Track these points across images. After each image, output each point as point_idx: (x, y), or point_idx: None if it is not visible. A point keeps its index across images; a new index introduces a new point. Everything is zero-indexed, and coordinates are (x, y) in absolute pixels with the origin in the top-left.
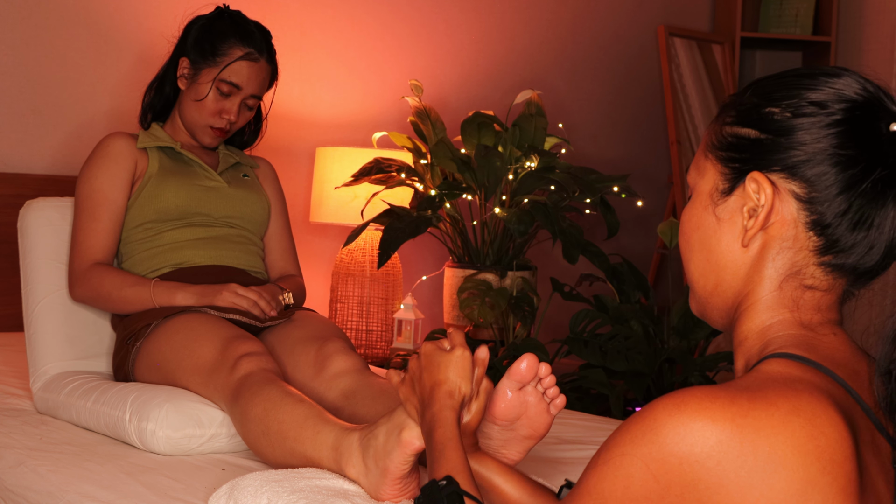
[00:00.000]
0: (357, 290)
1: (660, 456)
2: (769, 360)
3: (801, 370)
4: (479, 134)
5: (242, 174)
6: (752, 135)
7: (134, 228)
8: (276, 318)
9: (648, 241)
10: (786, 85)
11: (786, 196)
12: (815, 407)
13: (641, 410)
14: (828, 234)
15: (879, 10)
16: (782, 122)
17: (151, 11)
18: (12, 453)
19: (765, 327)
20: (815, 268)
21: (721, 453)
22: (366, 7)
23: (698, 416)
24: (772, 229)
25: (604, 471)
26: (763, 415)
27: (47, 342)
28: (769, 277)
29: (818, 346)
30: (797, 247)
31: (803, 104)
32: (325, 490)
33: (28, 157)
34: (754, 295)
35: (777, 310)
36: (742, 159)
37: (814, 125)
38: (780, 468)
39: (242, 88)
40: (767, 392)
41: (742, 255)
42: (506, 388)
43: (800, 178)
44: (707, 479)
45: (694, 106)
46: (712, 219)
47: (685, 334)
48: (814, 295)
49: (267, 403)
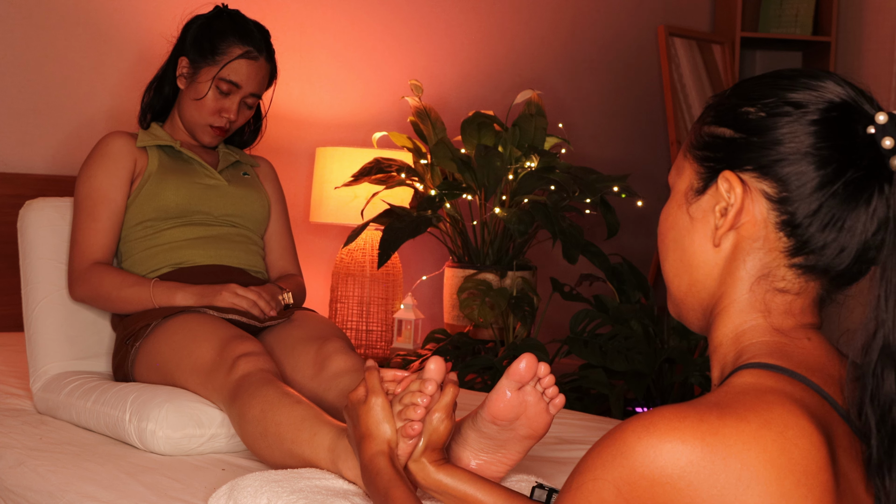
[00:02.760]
0: (357, 290)
1: (630, 479)
2: (741, 371)
3: (774, 379)
4: (479, 134)
5: (243, 172)
6: (728, 134)
7: (133, 227)
8: (276, 318)
9: (648, 241)
10: (764, 85)
11: (756, 196)
12: (787, 419)
13: (611, 432)
14: (798, 234)
15: (879, 10)
16: (757, 121)
17: (151, 11)
18: (12, 453)
19: (738, 333)
20: (786, 269)
21: (692, 474)
22: (366, 7)
23: (668, 436)
24: (743, 229)
25: (577, 496)
26: (733, 431)
27: (47, 342)
28: (741, 279)
29: (792, 352)
30: (767, 247)
31: (780, 104)
32: (325, 490)
33: (28, 157)
34: (728, 297)
35: (750, 313)
36: (716, 158)
37: (788, 124)
38: (753, 484)
39: (242, 87)
40: (737, 407)
41: (714, 255)
42: (505, 388)
43: (771, 177)
44: (679, 499)
45: (694, 106)
46: (686, 218)
47: (685, 334)
48: (785, 298)
49: (265, 404)
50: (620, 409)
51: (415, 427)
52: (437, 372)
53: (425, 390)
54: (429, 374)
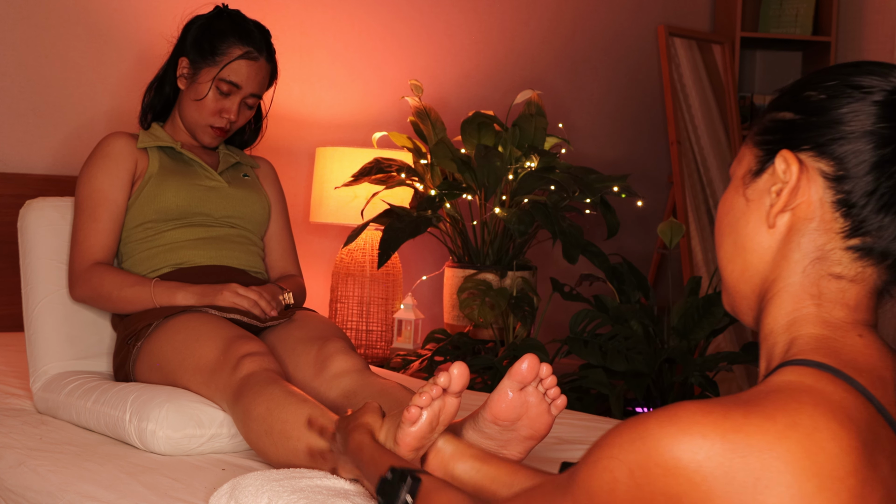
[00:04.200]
0: (357, 290)
1: (645, 465)
2: (784, 368)
3: (815, 378)
4: (479, 134)
5: (243, 174)
6: (788, 117)
7: (134, 228)
8: (277, 318)
9: (648, 241)
10: (829, 72)
11: (813, 175)
12: (817, 421)
13: (636, 417)
14: (854, 214)
15: (879, 10)
16: (818, 102)
17: (151, 11)
18: (12, 453)
19: (789, 321)
20: (842, 252)
21: (707, 468)
22: (366, 7)
23: (689, 429)
24: (798, 210)
25: (592, 470)
26: (757, 430)
27: (47, 342)
28: (795, 262)
29: (841, 349)
30: (823, 228)
31: (842, 86)
32: (326, 490)
33: (28, 157)
34: (781, 281)
35: (802, 300)
36: (775, 140)
37: (849, 104)
38: (773, 485)
39: (242, 87)
40: (765, 405)
41: (768, 237)
42: (507, 389)
43: (828, 155)
44: (692, 493)
45: (694, 106)
46: (742, 200)
47: (685, 334)
48: (840, 284)
49: (270, 402)
50: (620, 409)
51: (412, 411)
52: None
53: (437, 381)
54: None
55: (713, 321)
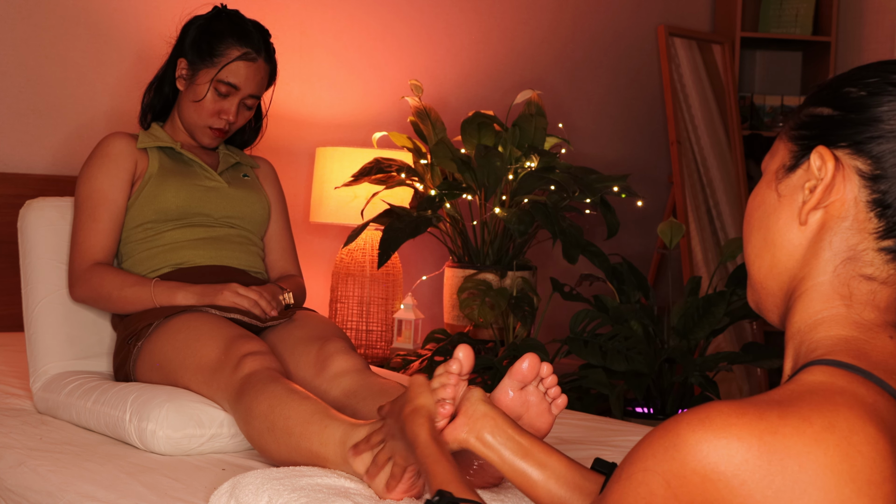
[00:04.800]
0: (357, 290)
1: (681, 473)
2: (812, 367)
3: (846, 380)
4: (479, 134)
5: (242, 174)
6: (826, 112)
7: (134, 228)
8: (277, 318)
9: (648, 241)
10: (870, 69)
11: (849, 173)
12: (853, 423)
13: (665, 424)
14: (889, 215)
15: (879, 10)
16: (857, 99)
17: (151, 12)
18: (12, 453)
19: (817, 321)
20: (875, 253)
21: (746, 472)
22: (366, 7)
23: (723, 432)
24: (831, 207)
25: (626, 486)
26: (794, 432)
27: (47, 342)
28: (826, 261)
29: (870, 351)
30: (856, 227)
31: (883, 84)
32: (327, 489)
33: (28, 157)
34: (810, 279)
35: (832, 299)
36: (811, 136)
37: (889, 102)
38: (811, 489)
39: (240, 89)
40: (801, 407)
41: (799, 234)
42: (507, 388)
43: (866, 153)
44: (731, 498)
45: (694, 106)
46: (774, 195)
47: (685, 334)
48: (871, 286)
49: (272, 400)
50: (620, 409)
51: (446, 406)
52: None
53: (451, 370)
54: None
55: (713, 321)
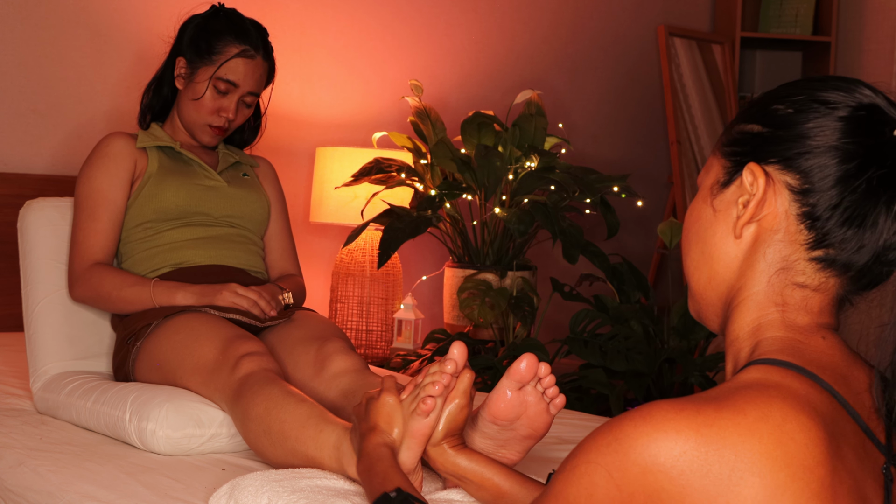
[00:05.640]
0: (357, 290)
1: (623, 466)
2: (750, 367)
3: (781, 375)
4: (479, 134)
5: (242, 173)
6: (756, 129)
7: (133, 228)
8: (276, 318)
9: (648, 241)
10: (796, 86)
11: (780, 188)
12: (786, 412)
13: (609, 421)
14: (818, 226)
15: (879, 10)
16: (785, 116)
17: (151, 12)
18: (12, 453)
19: (754, 327)
20: (806, 263)
21: (685, 463)
22: (366, 7)
23: (663, 426)
24: (764, 221)
25: (570, 477)
26: (729, 423)
27: (47, 342)
28: (761, 272)
29: (804, 349)
30: (788, 239)
31: (809, 101)
32: (326, 490)
33: (28, 157)
34: (746, 290)
35: (767, 307)
36: (743, 152)
37: (816, 119)
38: (747, 476)
39: (239, 86)
40: (736, 400)
41: (735, 247)
42: (505, 388)
43: (795, 169)
44: (670, 488)
45: (694, 106)
46: (709, 210)
47: (685, 334)
48: (803, 293)
49: (269, 402)
50: (620, 409)
51: (427, 402)
52: (459, 355)
53: (445, 370)
54: (451, 356)
55: None
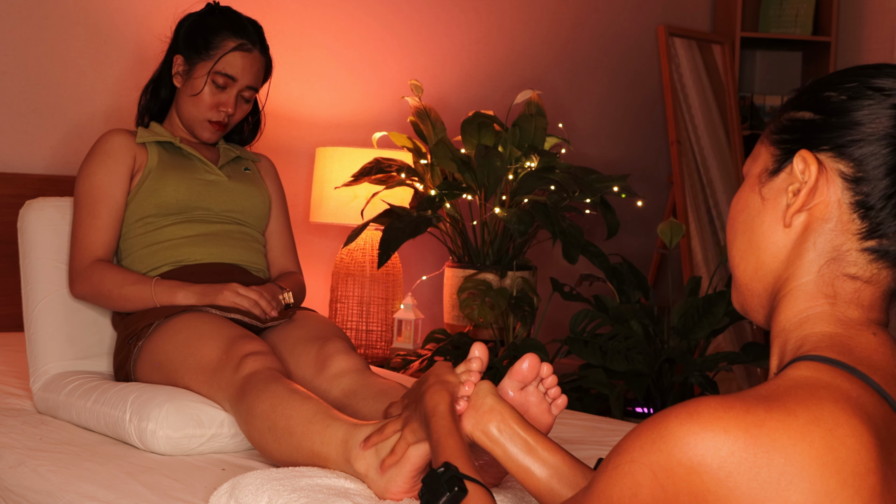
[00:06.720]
0: (357, 290)
1: (668, 465)
2: (798, 363)
3: (831, 375)
4: (479, 134)
5: (244, 168)
6: (807, 116)
7: (134, 223)
8: (277, 318)
9: (648, 241)
10: (848, 73)
11: (832, 176)
12: (838, 416)
13: (654, 417)
14: (871, 216)
15: (879, 10)
16: (838, 103)
17: (151, 11)
18: (12, 453)
19: (802, 319)
20: (858, 254)
21: (732, 464)
22: (366, 7)
23: (711, 426)
24: (815, 210)
25: (613, 476)
26: (780, 425)
27: (47, 342)
28: (810, 262)
29: (854, 347)
30: (840, 229)
31: (862, 88)
32: (327, 489)
33: (28, 157)
34: (794, 280)
35: (816, 299)
36: (793, 140)
37: (869, 106)
38: (797, 480)
39: (238, 80)
40: (787, 401)
41: (784, 236)
42: (507, 388)
43: (847, 157)
44: (717, 490)
45: (694, 106)
46: (758, 199)
47: (685, 334)
48: (854, 285)
49: (274, 399)
50: (620, 409)
51: (461, 404)
52: (483, 354)
53: (471, 368)
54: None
55: (713, 321)
